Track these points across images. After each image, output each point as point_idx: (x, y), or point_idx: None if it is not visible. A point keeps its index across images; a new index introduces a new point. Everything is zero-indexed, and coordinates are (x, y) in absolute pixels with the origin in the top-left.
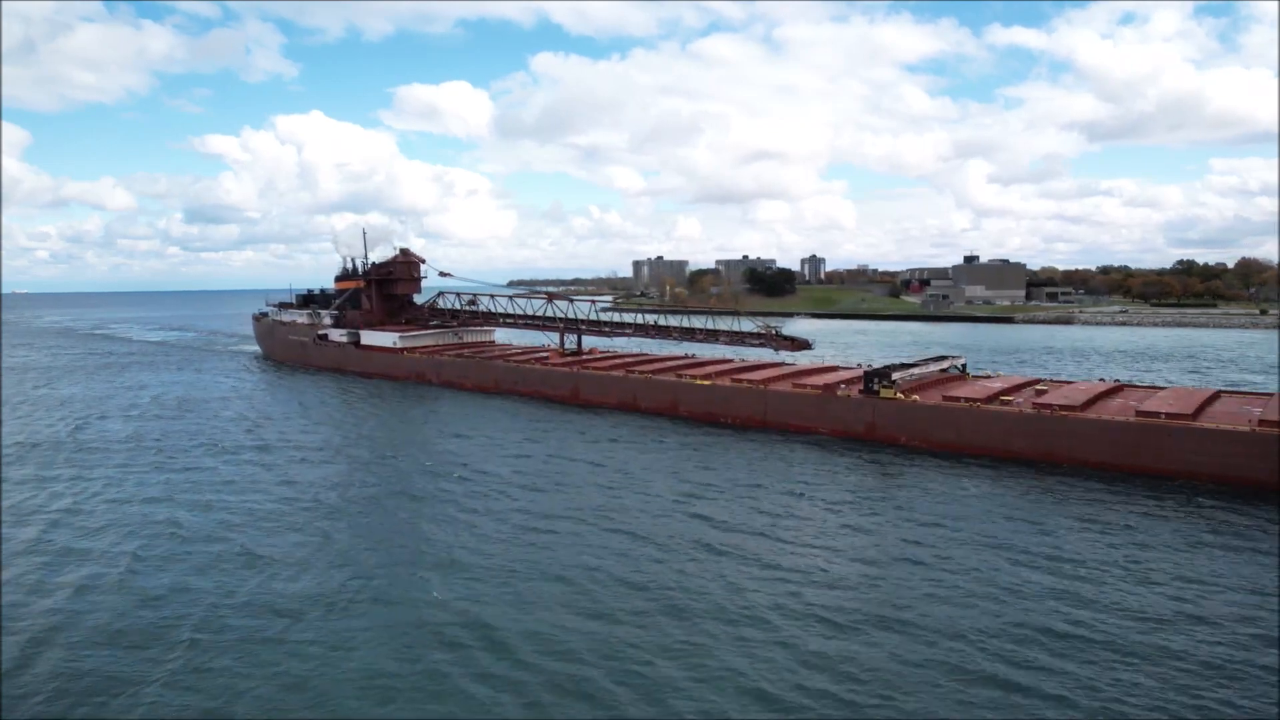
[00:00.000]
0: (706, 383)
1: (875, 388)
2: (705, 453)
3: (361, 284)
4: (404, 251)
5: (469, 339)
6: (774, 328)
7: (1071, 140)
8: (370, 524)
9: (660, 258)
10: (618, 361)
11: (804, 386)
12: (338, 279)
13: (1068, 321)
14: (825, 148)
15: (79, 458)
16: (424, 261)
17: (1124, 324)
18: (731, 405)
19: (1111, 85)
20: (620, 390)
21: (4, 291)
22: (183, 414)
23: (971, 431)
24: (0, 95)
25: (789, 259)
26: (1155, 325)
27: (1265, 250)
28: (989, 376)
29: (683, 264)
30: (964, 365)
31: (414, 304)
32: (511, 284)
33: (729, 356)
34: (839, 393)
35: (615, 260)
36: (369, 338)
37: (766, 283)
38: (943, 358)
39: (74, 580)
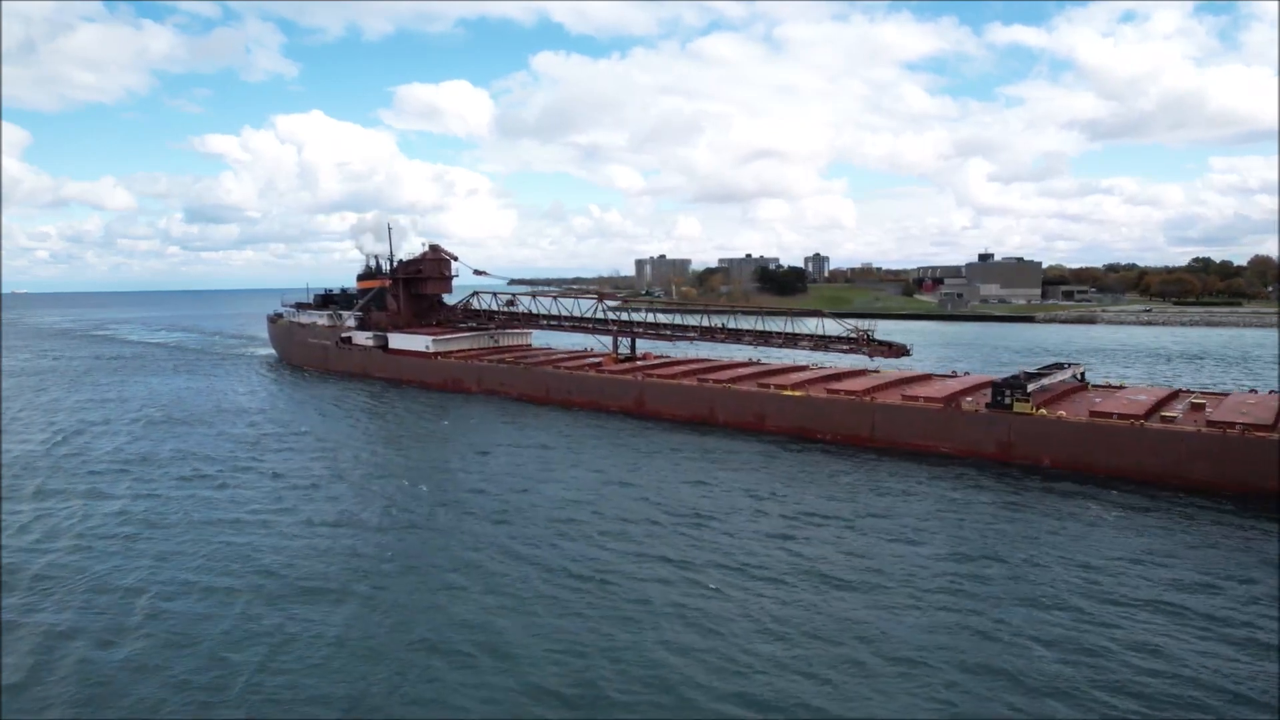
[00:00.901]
0: (797, 394)
1: (1007, 401)
2: (823, 480)
3: (387, 283)
4: (434, 248)
5: (505, 342)
6: (866, 331)
7: (1072, 139)
8: (421, 597)
9: (663, 256)
10: (684, 368)
11: (916, 399)
12: (360, 278)
13: (1091, 321)
14: (826, 147)
15: (81, 479)
16: (455, 258)
17: (1149, 323)
18: (830, 420)
19: (1112, 83)
20: (694, 401)
21: (4, 292)
22: (197, 426)
23: (1138, 454)
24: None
25: (790, 258)
26: (1183, 324)
27: (1266, 248)
28: (1117, 386)
29: (685, 263)
30: (1083, 374)
31: (445, 304)
32: (512, 283)
33: (802, 362)
34: (964, 406)
35: (615, 259)
36: (397, 341)
37: (777, 281)
38: (1060, 365)
39: (87, 617)
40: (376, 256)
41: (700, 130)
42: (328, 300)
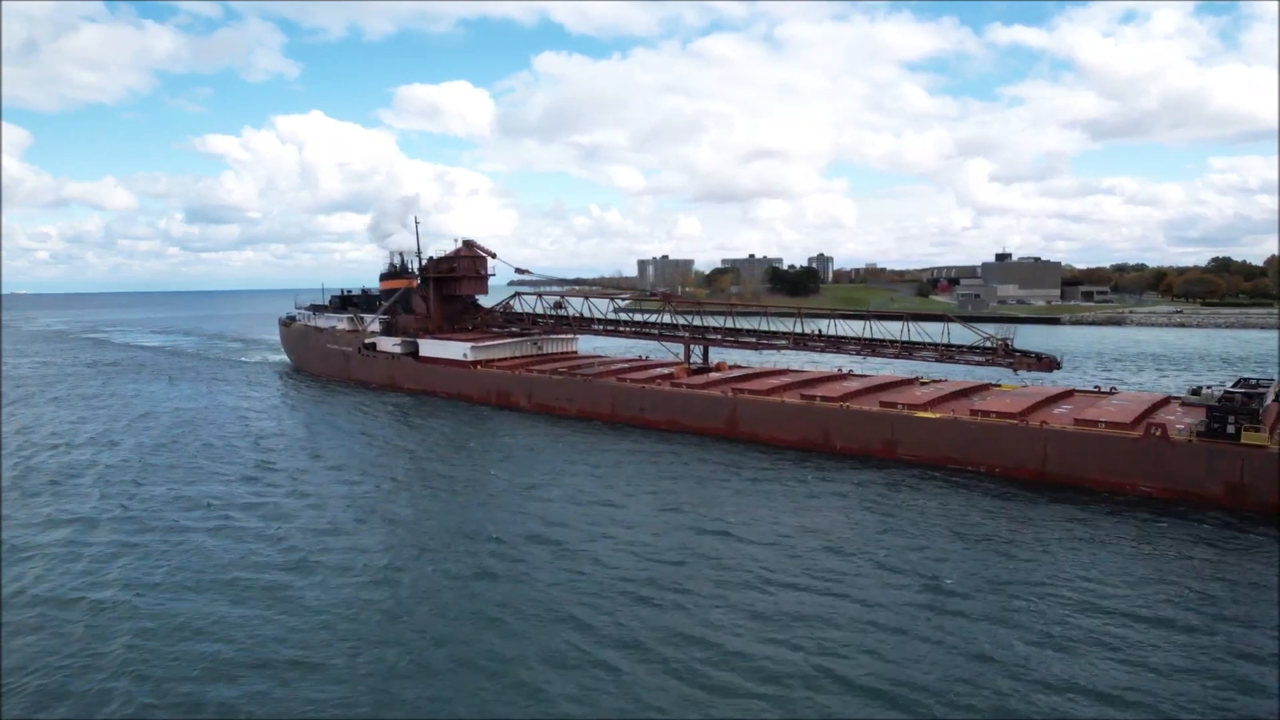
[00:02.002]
0: (933, 415)
1: (1231, 429)
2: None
3: (414, 283)
4: (468, 244)
5: (549, 349)
6: (1005, 339)
7: (1073, 138)
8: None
9: (665, 256)
10: (777, 381)
11: (1093, 423)
12: (384, 277)
13: (1119, 322)
14: (826, 146)
15: (44, 529)
16: (493, 255)
17: (1182, 325)
18: (984, 448)
19: (1114, 83)
20: (803, 423)
21: (4, 292)
22: (198, 454)
23: None
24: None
25: (791, 258)
26: (1218, 327)
27: (1265, 248)
28: None
29: (688, 263)
30: None
31: (480, 307)
32: (511, 283)
33: (906, 375)
34: (1174, 435)
35: (616, 259)
36: (430, 348)
37: (789, 282)
38: (1249, 380)
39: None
40: (401, 254)
41: (702, 130)
42: (346, 302)
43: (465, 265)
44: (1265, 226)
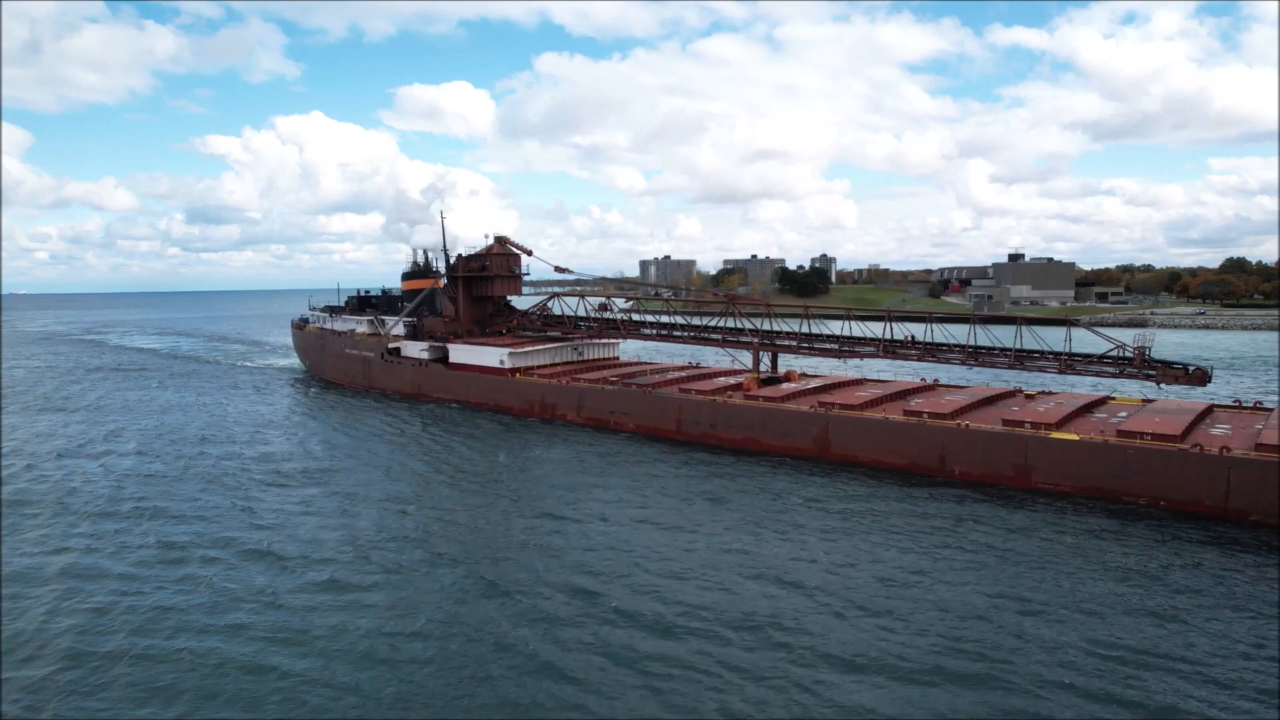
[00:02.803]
0: (1073, 437)
1: None
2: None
3: (439, 283)
4: (501, 240)
5: (590, 355)
6: (1141, 347)
7: (1075, 139)
8: None
9: (667, 257)
10: (871, 394)
11: None
12: (406, 276)
13: (1142, 324)
14: (828, 147)
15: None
16: (529, 253)
17: (1207, 327)
18: (1145, 477)
19: (1116, 84)
20: (913, 444)
21: (3, 293)
22: (216, 476)
23: None
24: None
25: (792, 259)
26: (1248, 329)
27: (1265, 249)
28: None
29: (690, 263)
30: None
31: (513, 309)
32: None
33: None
34: None
35: (616, 260)
36: (461, 353)
37: (798, 282)
38: None
39: None
40: (425, 251)
41: (703, 130)
42: (364, 303)
43: (498, 263)
44: (1265, 228)
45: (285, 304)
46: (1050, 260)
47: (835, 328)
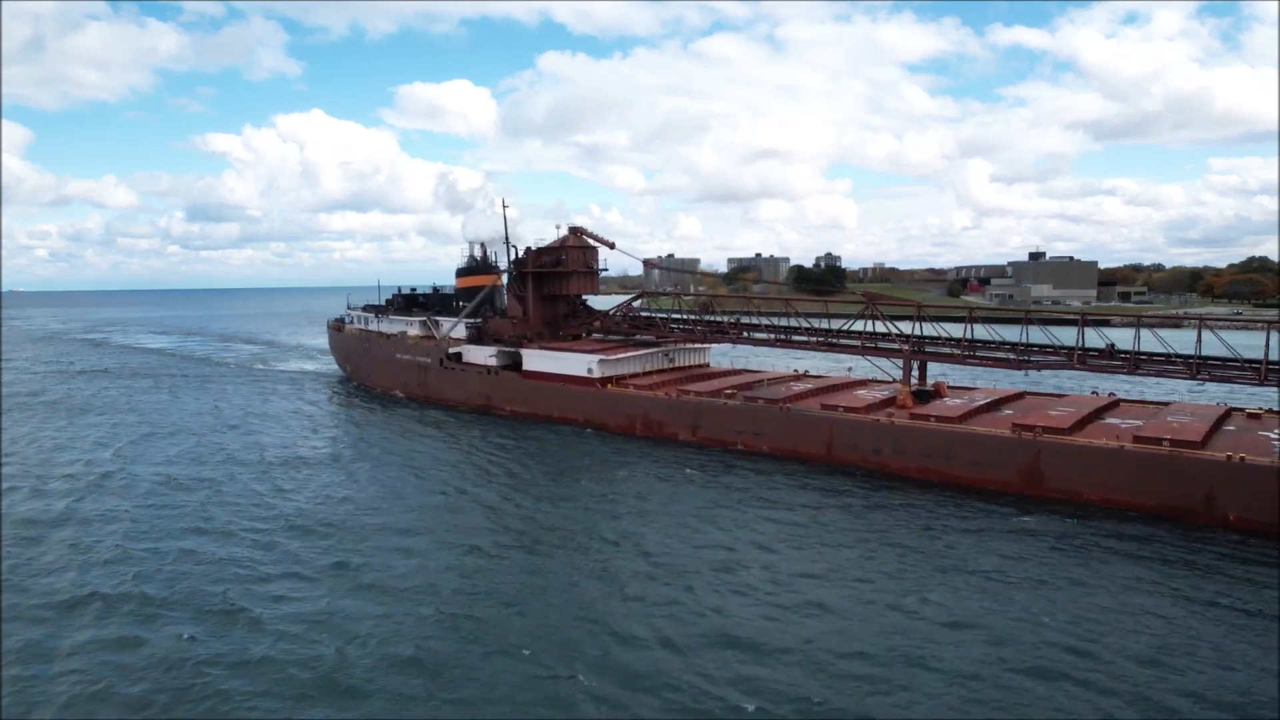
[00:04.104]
0: None
1: None
2: None
3: (498, 280)
4: (576, 231)
5: (681, 361)
6: None
7: (1075, 139)
8: None
9: (671, 256)
10: (1068, 411)
11: None
12: (461, 272)
13: (1176, 325)
14: (828, 147)
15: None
16: (611, 245)
17: (1246, 328)
18: None
19: (1116, 84)
20: (1166, 481)
21: (3, 290)
22: (260, 514)
23: None
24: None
25: (795, 258)
26: None
27: (1265, 249)
28: None
29: (694, 262)
30: None
31: (590, 309)
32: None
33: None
34: None
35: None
36: (537, 360)
37: (813, 281)
38: None
39: None
40: (484, 244)
41: (706, 130)
42: (411, 302)
43: (574, 258)
44: (1265, 228)
45: (288, 302)
46: (1071, 259)
47: (903, 328)
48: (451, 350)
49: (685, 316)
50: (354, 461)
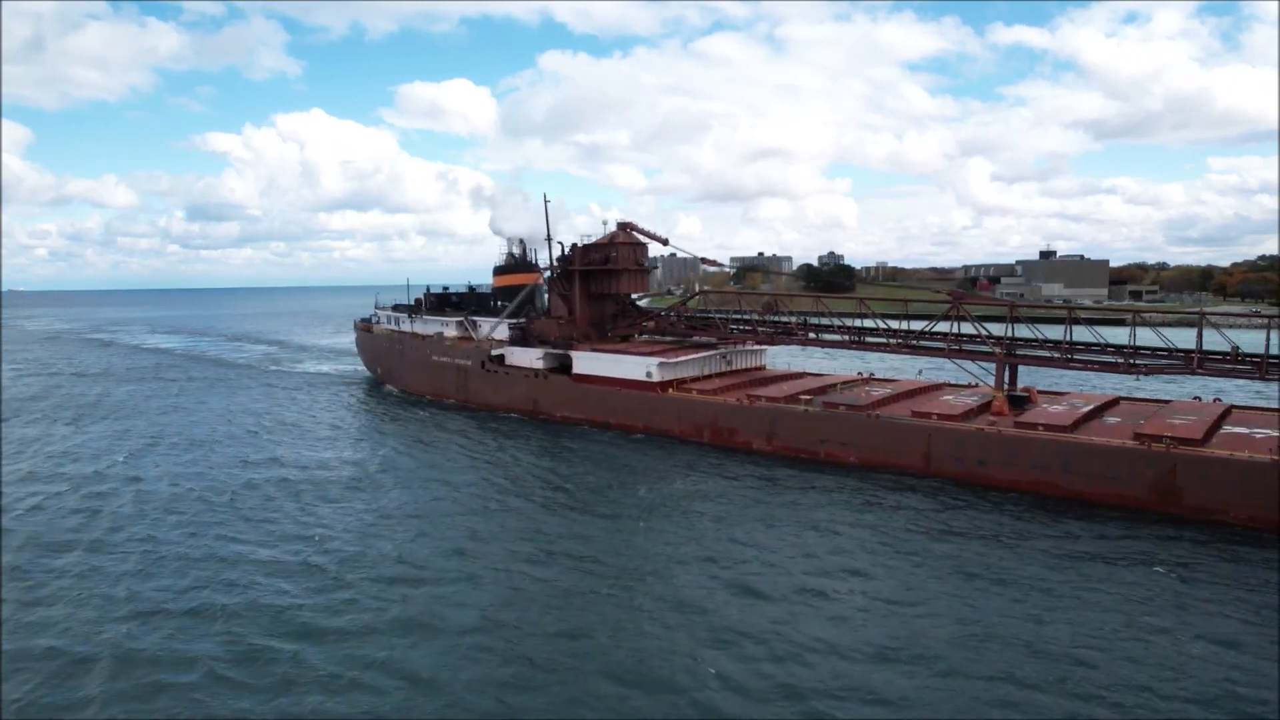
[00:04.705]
0: None
1: None
2: None
3: (538, 279)
4: (626, 227)
5: (739, 364)
6: None
7: (1076, 139)
8: None
9: (674, 255)
10: (1190, 420)
11: None
12: (499, 270)
13: (1192, 324)
14: (829, 146)
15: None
16: (665, 241)
17: (1264, 327)
18: None
19: (1117, 83)
20: None
21: (3, 290)
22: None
23: None
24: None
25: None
26: None
27: (1264, 248)
28: None
29: (697, 261)
30: None
31: (639, 308)
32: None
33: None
34: None
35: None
36: (589, 363)
37: (823, 280)
38: None
39: None
40: (523, 240)
41: (705, 129)
42: (445, 302)
43: (624, 255)
44: (1264, 227)
45: (289, 302)
46: (1082, 258)
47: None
48: (495, 352)
49: (748, 316)
50: (408, 475)
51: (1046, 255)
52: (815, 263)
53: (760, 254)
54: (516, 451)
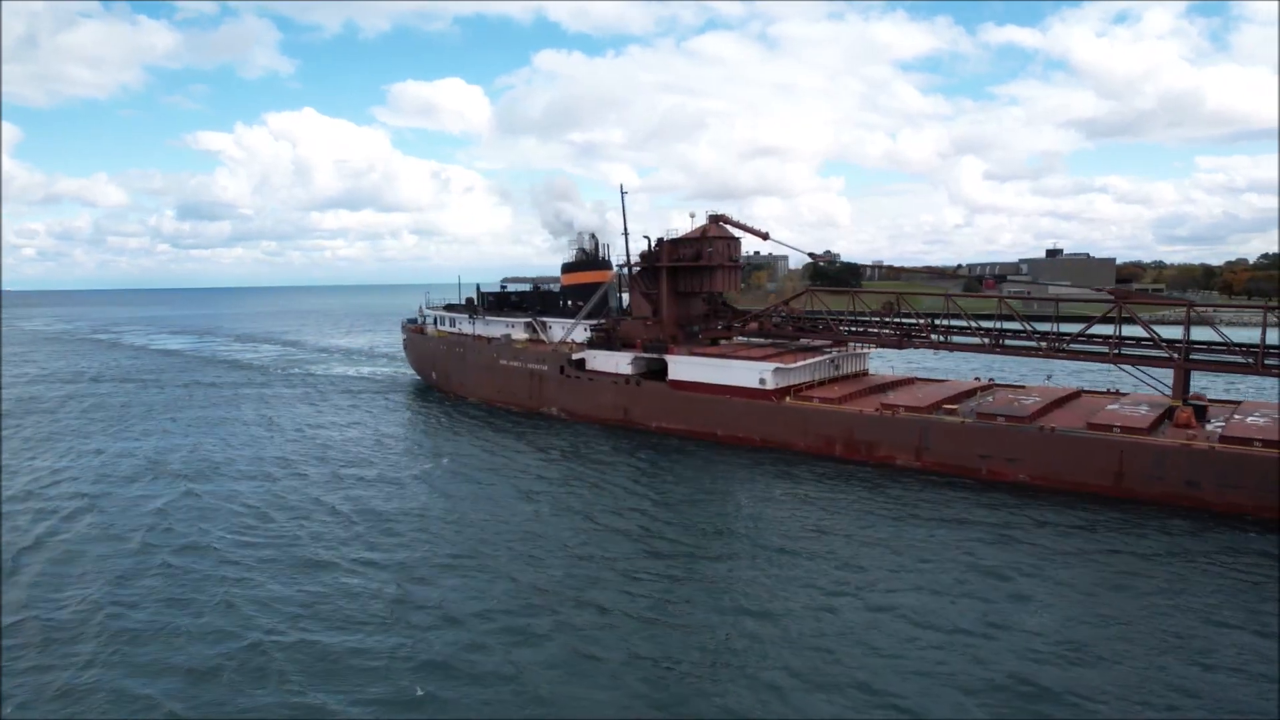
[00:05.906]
0: None
1: None
2: None
3: (609, 276)
4: (718, 219)
5: (845, 369)
6: None
7: (1068, 137)
8: None
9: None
10: None
11: None
12: (568, 268)
13: (1208, 322)
14: (824, 145)
15: None
16: (765, 236)
17: (1276, 325)
18: None
19: (1108, 83)
20: None
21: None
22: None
23: None
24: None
25: (795, 256)
26: None
27: (1253, 247)
28: None
29: (773, 259)
30: None
31: (733, 308)
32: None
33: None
34: None
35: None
36: (688, 368)
37: (829, 278)
38: None
39: None
40: (594, 235)
41: (702, 128)
42: (503, 301)
43: (718, 250)
44: (1253, 225)
45: (284, 301)
46: (1088, 256)
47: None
48: (576, 357)
49: (867, 317)
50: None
51: (1053, 253)
52: (810, 260)
53: (755, 253)
54: (623, 473)
